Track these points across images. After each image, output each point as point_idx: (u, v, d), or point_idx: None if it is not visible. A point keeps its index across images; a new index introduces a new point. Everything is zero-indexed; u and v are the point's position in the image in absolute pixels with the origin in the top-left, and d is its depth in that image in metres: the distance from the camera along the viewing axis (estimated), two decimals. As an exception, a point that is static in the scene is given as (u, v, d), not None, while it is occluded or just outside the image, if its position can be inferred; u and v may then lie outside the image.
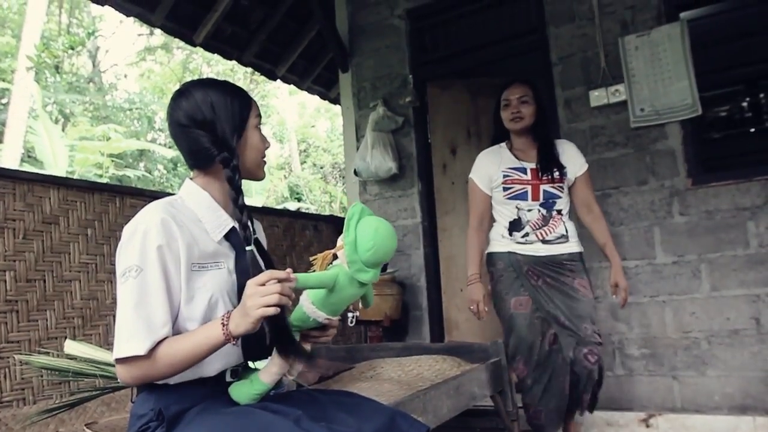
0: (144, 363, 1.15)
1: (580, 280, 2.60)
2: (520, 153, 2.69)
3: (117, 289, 1.19)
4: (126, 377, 1.17)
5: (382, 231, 1.25)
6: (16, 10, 14.17)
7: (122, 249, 1.19)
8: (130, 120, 14.79)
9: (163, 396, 1.22)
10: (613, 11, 3.58)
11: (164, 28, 4.48)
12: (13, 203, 2.42)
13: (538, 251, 2.61)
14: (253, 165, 1.37)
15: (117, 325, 1.17)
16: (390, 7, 4.39)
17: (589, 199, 2.73)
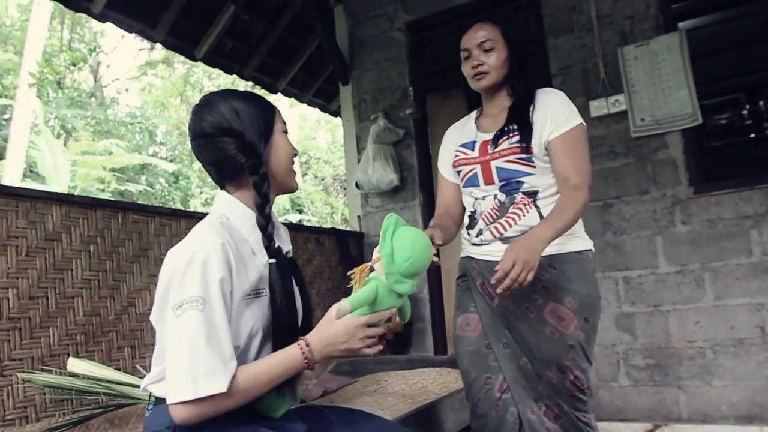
0: (223, 399, 1.09)
1: (555, 306, 1.67)
2: (488, 121, 1.86)
3: (171, 321, 1.10)
4: (196, 416, 1.09)
5: (419, 242, 1.28)
6: (19, 27, 14.28)
7: (177, 277, 1.11)
8: (132, 134, 14.84)
9: None
10: (612, 22, 3.60)
11: (165, 44, 4.51)
12: (16, 221, 2.42)
13: (496, 254, 1.69)
14: (284, 171, 1.32)
15: (184, 362, 1.08)
16: (389, 20, 4.42)
17: (568, 170, 1.69)
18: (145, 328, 2.85)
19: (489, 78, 1.79)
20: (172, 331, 1.10)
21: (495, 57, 1.78)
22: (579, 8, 3.70)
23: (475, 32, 1.81)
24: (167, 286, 1.13)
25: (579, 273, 1.68)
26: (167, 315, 1.12)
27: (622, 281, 3.46)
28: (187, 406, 1.08)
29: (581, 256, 1.72)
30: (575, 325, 1.65)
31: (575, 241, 1.73)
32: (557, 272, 1.68)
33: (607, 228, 3.52)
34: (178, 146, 16.29)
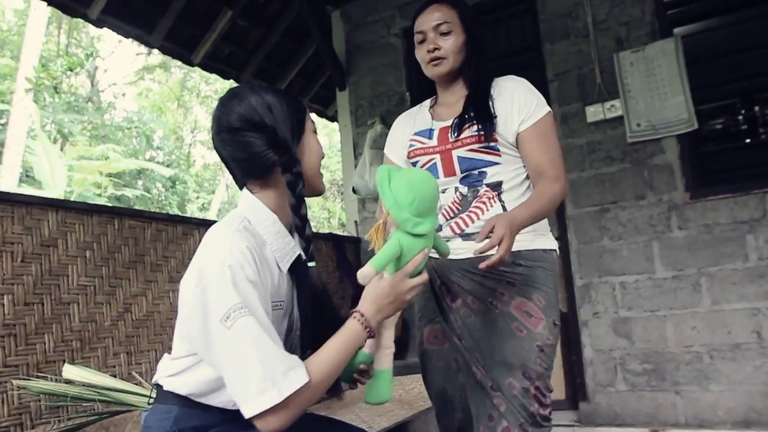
0: (306, 392, 1.05)
1: (522, 301, 1.52)
2: (444, 110, 1.69)
3: (222, 334, 1.04)
4: (288, 420, 1.04)
5: (416, 178, 1.24)
6: (15, 31, 14.28)
7: (212, 289, 1.05)
8: (129, 138, 14.83)
9: (187, 414, 1.14)
10: (608, 28, 3.62)
11: (162, 49, 4.51)
12: (12, 226, 2.41)
13: (457, 252, 1.57)
14: (314, 172, 1.26)
15: (257, 370, 1.02)
16: (386, 26, 4.43)
17: (543, 164, 1.56)
18: (141, 334, 2.84)
19: (446, 64, 1.61)
20: (228, 344, 1.03)
21: (453, 41, 1.61)
22: (575, 14, 3.71)
23: (431, 14, 1.63)
24: (204, 301, 1.07)
25: (545, 272, 1.56)
26: (213, 331, 1.05)
27: (619, 286, 3.46)
28: (277, 414, 1.02)
29: (546, 255, 1.59)
30: (543, 326, 1.49)
31: (541, 239, 1.60)
32: (523, 269, 1.54)
33: (603, 233, 3.53)
34: (174, 151, 16.28)
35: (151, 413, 1.18)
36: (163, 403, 1.16)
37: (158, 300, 2.94)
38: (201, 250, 1.13)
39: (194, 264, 1.11)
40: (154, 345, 2.88)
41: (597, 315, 3.51)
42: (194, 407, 1.15)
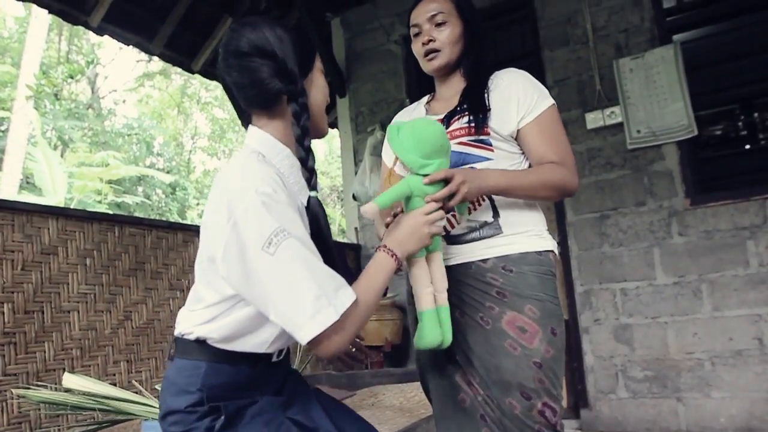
0: (356, 311, 1.04)
1: (514, 315, 1.39)
2: (440, 104, 1.61)
3: (265, 260, 1.00)
4: (346, 339, 1.03)
5: (420, 124, 1.29)
6: (16, 39, 14.32)
7: (248, 219, 1.01)
8: (129, 145, 14.85)
9: (215, 369, 1.10)
10: (607, 35, 3.63)
11: (163, 57, 4.52)
12: (12, 234, 2.42)
13: (445, 257, 1.45)
14: (319, 110, 1.23)
15: (311, 290, 0.99)
16: (386, 33, 4.44)
17: (546, 155, 1.46)
18: (141, 342, 2.83)
19: (442, 56, 1.53)
20: (275, 270, 1.00)
21: (448, 32, 1.52)
22: (574, 21, 3.72)
23: (426, 5, 1.55)
24: (238, 234, 1.02)
25: (540, 277, 1.41)
26: (255, 262, 1.01)
27: (620, 293, 3.46)
28: (336, 334, 1.01)
29: (541, 257, 1.44)
30: (540, 339, 1.37)
31: (534, 240, 1.45)
32: (513, 276, 1.40)
33: (604, 239, 3.53)
34: (175, 157, 16.30)
35: (174, 370, 1.13)
36: (188, 358, 1.12)
37: (158, 308, 2.93)
38: (222, 185, 1.09)
39: (218, 200, 1.07)
40: (154, 353, 2.88)
41: (598, 322, 3.51)
42: (223, 361, 1.11)
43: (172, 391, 1.11)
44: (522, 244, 1.43)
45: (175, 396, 1.10)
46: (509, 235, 1.43)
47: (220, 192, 1.08)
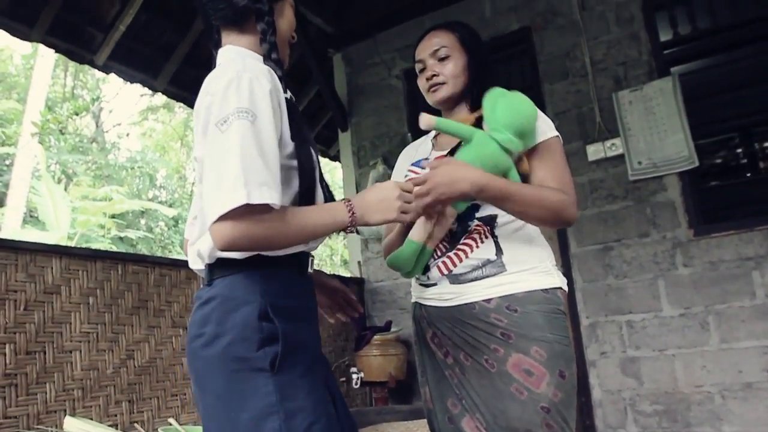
0: (275, 219, 1.01)
1: (520, 357, 1.34)
2: (446, 138, 1.57)
3: (215, 137, 1.01)
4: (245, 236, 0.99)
5: (514, 96, 1.35)
6: (23, 74, 14.54)
7: (219, 96, 1.03)
8: (132, 178, 14.94)
9: (269, 277, 1.10)
10: (606, 68, 3.67)
11: (167, 93, 4.58)
12: (15, 274, 2.41)
13: (444, 297, 1.45)
14: (283, 40, 1.27)
15: (234, 170, 0.97)
16: (387, 68, 4.50)
17: (545, 178, 1.42)
18: (144, 381, 2.80)
19: (445, 89, 1.53)
20: (216, 146, 1.00)
21: (452, 65, 1.53)
22: (573, 55, 3.77)
23: (429, 40, 1.57)
24: (208, 109, 1.04)
25: (547, 316, 1.36)
26: (209, 136, 1.02)
27: (626, 325, 3.43)
28: (237, 223, 0.97)
29: (548, 295, 1.39)
30: (548, 382, 1.32)
31: (540, 277, 1.40)
32: (518, 316, 1.35)
33: (608, 271, 3.51)
34: (177, 190, 16.37)
35: (223, 287, 1.10)
36: (236, 272, 1.10)
37: (161, 346, 2.91)
38: (209, 81, 1.11)
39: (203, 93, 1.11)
40: (157, 392, 2.84)
41: (605, 355, 3.47)
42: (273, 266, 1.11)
43: (227, 308, 1.08)
44: (527, 282, 1.39)
45: (232, 312, 1.07)
46: (514, 272, 1.39)
47: (205, 89, 1.12)
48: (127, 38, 4.01)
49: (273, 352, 1.06)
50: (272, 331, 1.07)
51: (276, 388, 1.05)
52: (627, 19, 3.63)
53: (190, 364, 1.14)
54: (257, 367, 1.06)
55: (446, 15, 4.17)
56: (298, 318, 1.14)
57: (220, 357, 1.07)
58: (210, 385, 1.09)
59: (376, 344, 3.74)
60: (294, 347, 1.10)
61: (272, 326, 1.07)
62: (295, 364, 1.09)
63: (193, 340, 1.12)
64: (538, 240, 1.47)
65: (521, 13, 4.01)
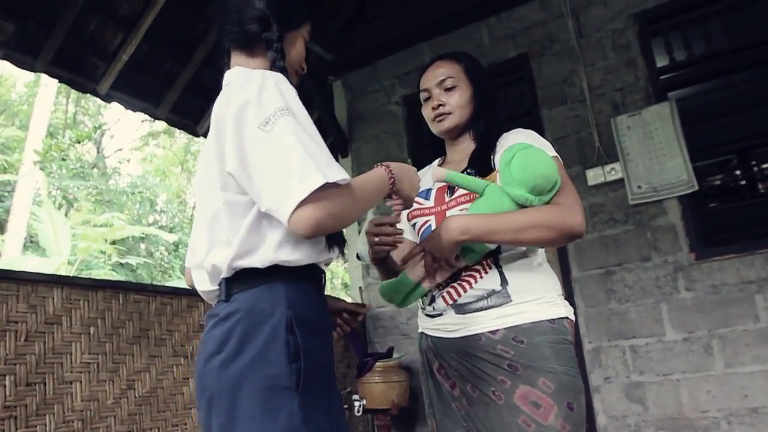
0: (346, 195, 1.02)
1: (527, 389, 1.33)
2: (450, 168, 1.54)
3: (260, 139, 1.01)
4: (327, 215, 0.98)
5: (530, 154, 1.34)
6: (25, 102, 14.66)
7: (252, 102, 1.05)
8: (133, 203, 14.97)
9: (293, 289, 1.09)
10: (603, 93, 3.70)
11: (168, 121, 4.61)
12: (16, 305, 2.40)
13: (449, 328, 1.45)
14: (291, 69, 1.29)
15: (300, 158, 0.98)
16: (387, 94, 4.55)
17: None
18: (144, 411, 2.78)
19: (451, 119, 1.55)
20: (267, 145, 1.00)
21: (457, 96, 1.55)
22: (570, 81, 3.81)
23: (435, 70, 1.59)
24: (239, 117, 1.04)
25: (554, 347, 1.35)
26: (249, 139, 1.02)
27: (629, 350, 3.40)
28: (317, 204, 0.96)
29: (555, 325, 1.38)
30: (556, 414, 1.30)
31: (546, 307, 1.39)
32: (525, 347, 1.34)
33: (610, 296, 3.50)
34: (178, 214, 16.39)
35: (246, 300, 1.08)
36: (258, 285, 1.08)
37: (162, 375, 2.89)
38: (229, 94, 1.12)
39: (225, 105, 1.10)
40: (158, 422, 2.81)
41: (608, 380, 3.44)
42: (296, 278, 1.10)
43: (251, 321, 1.05)
44: (533, 312, 1.38)
45: (258, 326, 1.05)
46: (519, 303, 1.38)
47: (224, 99, 1.12)
48: (130, 68, 4.05)
49: (297, 368, 1.04)
50: (297, 347, 1.05)
51: (299, 407, 1.02)
52: (623, 46, 3.67)
53: (204, 383, 1.09)
54: (283, 384, 1.02)
55: (444, 42, 4.22)
56: (318, 334, 1.11)
57: (244, 373, 1.03)
58: (229, 403, 1.04)
59: (378, 371, 3.71)
60: (316, 364, 1.07)
61: (297, 341, 1.05)
62: (316, 382, 1.06)
63: (210, 358, 1.07)
64: (543, 269, 1.46)
65: (519, 40, 4.06)
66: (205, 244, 1.16)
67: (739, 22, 3.48)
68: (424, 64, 1.67)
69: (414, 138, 4.42)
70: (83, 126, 14.82)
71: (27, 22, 3.53)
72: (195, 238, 1.26)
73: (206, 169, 1.18)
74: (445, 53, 1.64)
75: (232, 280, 1.11)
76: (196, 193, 1.29)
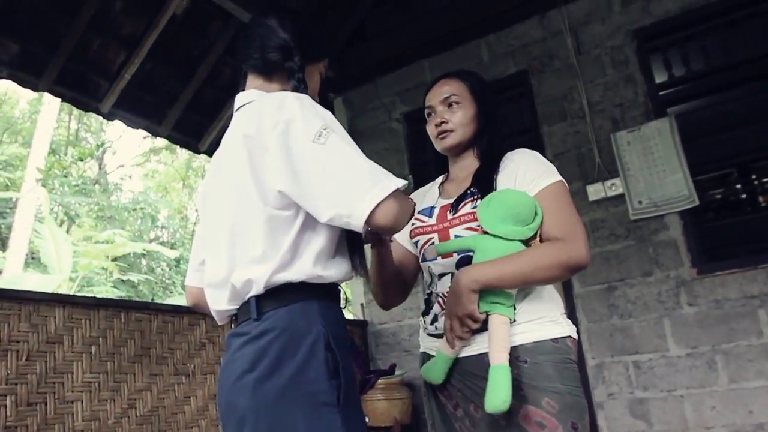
0: (403, 198, 1.09)
1: (531, 409, 1.32)
2: (453, 186, 1.60)
3: (317, 151, 1.06)
4: (403, 211, 1.08)
5: (503, 192, 1.39)
6: (28, 119, 14.75)
7: (298, 118, 1.09)
8: (134, 218, 15.00)
9: (326, 307, 1.13)
10: (603, 109, 3.72)
11: (170, 138, 4.64)
12: (18, 324, 2.41)
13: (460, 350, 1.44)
14: None
15: (365, 168, 1.06)
16: (387, 111, 4.57)
17: (548, 229, 1.40)
18: (146, 430, 2.76)
19: (454, 136, 1.56)
20: (325, 157, 1.06)
21: (461, 114, 1.56)
22: (570, 97, 3.83)
23: (440, 88, 1.60)
24: (286, 138, 1.08)
25: (557, 367, 1.35)
26: (304, 153, 1.07)
27: (633, 366, 3.39)
28: (392, 202, 1.04)
29: (558, 345, 1.38)
30: (563, 425, 1.29)
31: (548, 327, 1.40)
32: (528, 367, 1.34)
33: (612, 311, 3.49)
34: (179, 230, 16.41)
35: (280, 318, 1.09)
36: (292, 303, 1.10)
37: (163, 394, 2.88)
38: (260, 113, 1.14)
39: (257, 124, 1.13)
40: (158, 442, 2.80)
41: (612, 396, 3.42)
42: (327, 297, 1.14)
43: (288, 339, 1.06)
44: (536, 332, 1.38)
45: (296, 343, 1.06)
46: (522, 323, 1.37)
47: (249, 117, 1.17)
48: (132, 86, 4.08)
49: (337, 384, 1.06)
50: (336, 363, 1.07)
51: (342, 422, 1.04)
52: (622, 62, 3.70)
53: (233, 401, 1.09)
54: (325, 401, 1.04)
55: (444, 59, 4.26)
56: (348, 352, 1.14)
57: (285, 389, 1.04)
58: (270, 419, 1.04)
59: (380, 388, 3.69)
60: (351, 381, 1.10)
61: (336, 358, 1.07)
62: (352, 398, 1.10)
63: (242, 376, 1.07)
64: (546, 288, 1.46)
65: (518, 57, 4.10)
66: (225, 262, 1.17)
67: (736, 39, 3.50)
68: (424, 81, 1.69)
69: (415, 154, 4.44)
70: (85, 142, 14.89)
71: (31, 42, 3.57)
72: (206, 256, 1.27)
73: (226, 186, 1.20)
74: (451, 71, 1.65)
75: (264, 297, 1.12)
76: (206, 209, 1.30)
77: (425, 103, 1.63)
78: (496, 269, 1.31)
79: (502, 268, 1.32)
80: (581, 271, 1.40)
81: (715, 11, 3.50)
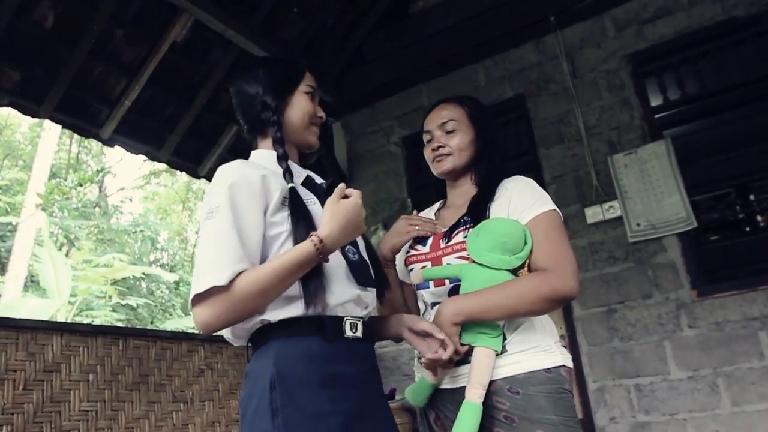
0: (223, 295, 1.11)
1: None
2: (450, 213, 1.59)
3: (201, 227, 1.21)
4: (207, 319, 1.11)
5: (493, 221, 1.40)
6: (29, 142, 14.82)
7: (205, 197, 1.24)
8: (134, 241, 14.98)
9: (285, 345, 1.17)
10: (600, 132, 3.75)
11: (170, 163, 4.66)
12: (15, 353, 2.40)
13: (445, 382, 1.43)
14: (299, 127, 1.39)
15: (200, 260, 1.14)
16: (386, 135, 4.60)
17: (537, 260, 1.38)
18: (143, 460, 2.74)
19: (450, 161, 1.56)
20: (201, 236, 1.18)
21: (458, 139, 1.56)
22: (567, 121, 3.86)
23: (438, 113, 1.61)
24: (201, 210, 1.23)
25: (550, 397, 1.32)
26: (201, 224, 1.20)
27: (634, 389, 3.36)
28: (198, 310, 1.11)
29: (551, 375, 1.35)
30: None
31: (541, 356, 1.37)
32: (521, 398, 1.32)
33: (613, 334, 3.48)
34: (179, 252, 16.39)
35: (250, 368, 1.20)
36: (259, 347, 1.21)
37: (161, 422, 2.85)
38: None
39: None
40: (156, 471, 2.77)
41: (614, 420, 3.39)
42: (292, 334, 1.18)
43: (249, 380, 1.18)
44: (528, 362, 1.35)
45: (252, 384, 1.16)
46: (514, 353, 1.35)
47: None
48: (132, 112, 4.11)
49: (277, 424, 1.09)
50: (276, 403, 1.11)
51: None
52: (618, 86, 3.74)
53: None
54: None
55: (442, 84, 4.30)
56: (306, 386, 1.13)
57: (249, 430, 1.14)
58: None
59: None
60: (301, 417, 1.10)
61: (275, 397, 1.11)
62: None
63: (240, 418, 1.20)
64: (539, 318, 1.43)
65: (515, 81, 4.14)
66: None
67: (730, 62, 3.54)
68: (422, 105, 1.72)
69: (413, 178, 4.46)
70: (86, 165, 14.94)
71: (32, 70, 3.61)
72: None
73: None
74: (450, 96, 1.66)
75: (250, 341, 1.25)
76: None
77: (424, 128, 1.63)
78: (481, 301, 1.31)
79: (486, 300, 1.31)
80: (569, 301, 1.40)
81: (708, 35, 3.55)
